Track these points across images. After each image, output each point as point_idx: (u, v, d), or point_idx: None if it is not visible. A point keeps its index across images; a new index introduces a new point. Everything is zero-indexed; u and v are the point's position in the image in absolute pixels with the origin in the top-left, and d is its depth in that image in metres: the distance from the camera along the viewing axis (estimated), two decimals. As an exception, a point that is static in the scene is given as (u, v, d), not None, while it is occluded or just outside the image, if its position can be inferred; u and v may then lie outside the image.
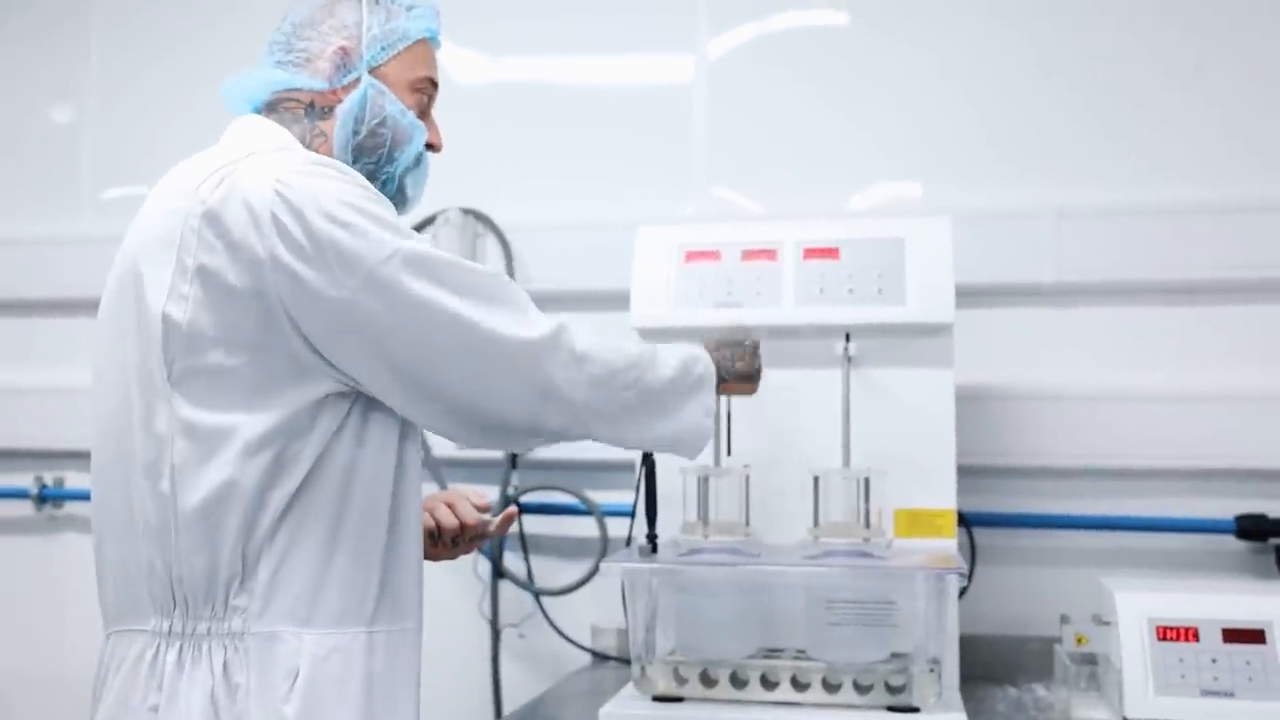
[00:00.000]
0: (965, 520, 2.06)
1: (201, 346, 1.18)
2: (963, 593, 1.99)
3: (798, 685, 1.67)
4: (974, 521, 2.10)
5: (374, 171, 1.38)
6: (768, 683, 1.68)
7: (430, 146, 1.45)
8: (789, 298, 1.84)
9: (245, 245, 1.17)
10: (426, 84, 1.44)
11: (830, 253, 1.85)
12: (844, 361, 1.78)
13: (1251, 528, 2.04)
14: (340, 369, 1.21)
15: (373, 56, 1.38)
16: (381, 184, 1.38)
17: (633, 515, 1.73)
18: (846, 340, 1.79)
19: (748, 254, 1.87)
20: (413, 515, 1.32)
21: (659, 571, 1.70)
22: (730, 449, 1.80)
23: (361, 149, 1.38)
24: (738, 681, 1.69)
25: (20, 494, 2.59)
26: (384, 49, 1.39)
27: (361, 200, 1.22)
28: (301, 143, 1.35)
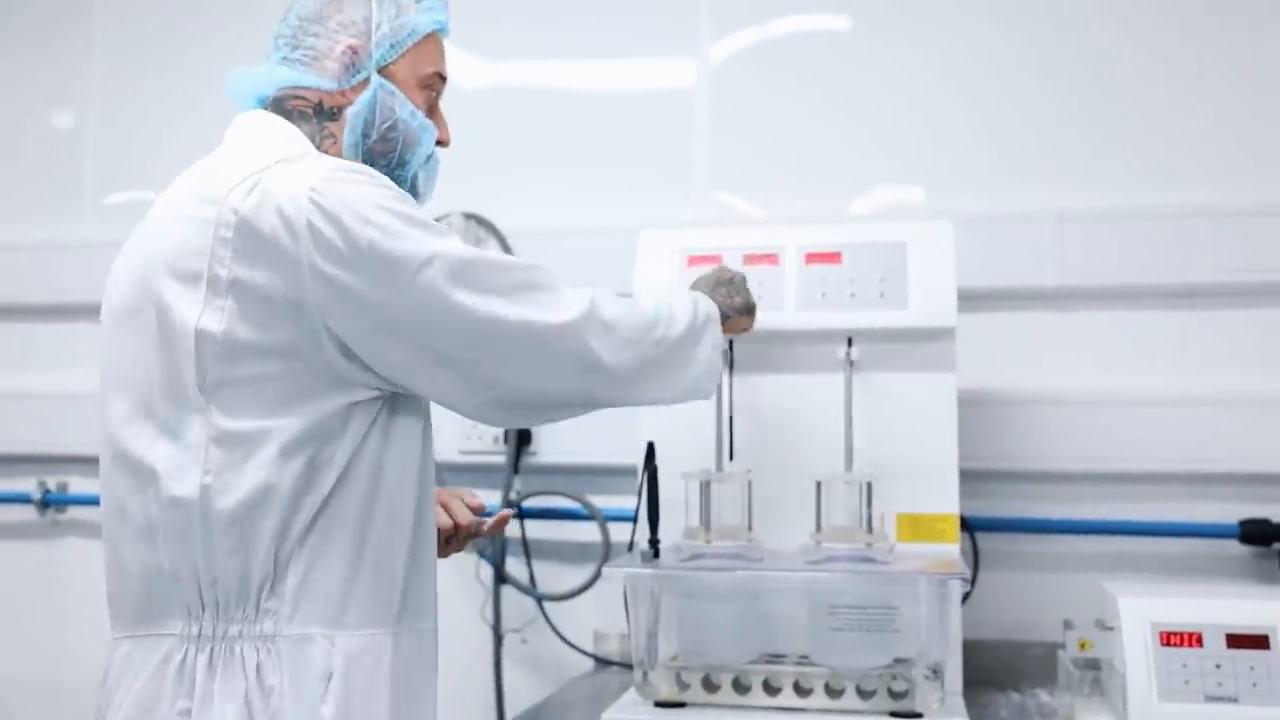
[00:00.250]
0: (968, 525, 2.05)
1: (236, 357, 1.17)
2: (966, 598, 1.98)
3: (800, 691, 1.67)
4: (977, 526, 2.09)
5: (386, 175, 1.34)
6: (770, 688, 1.68)
7: (439, 143, 1.43)
8: (791, 302, 1.84)
9: (281, 254, 1.16)
10: (436, 79, 1.41)
11: (832, 257, 1.85)
12: (846, 366, 1.78)
13: (1255, 532, 2.04)
14: (381, 371, 1.21)
15: (382, 56, 1.35)
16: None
17: (635, 520, 1.73)
18: (848, 344, 1.79)
19: (749, 258, 1.86)
20: (430, 515, 1.33)
21: (661, 577, 1.70)
22: (732, 453, 1.81)
23: (372, 153, 1.36)
24: (740, 687, 1.69)
25: (23, 499, 2.60)
26: (393, 47, 1.36)
27: (395, 203, 1.21)
28: (311, 142, 1.33)
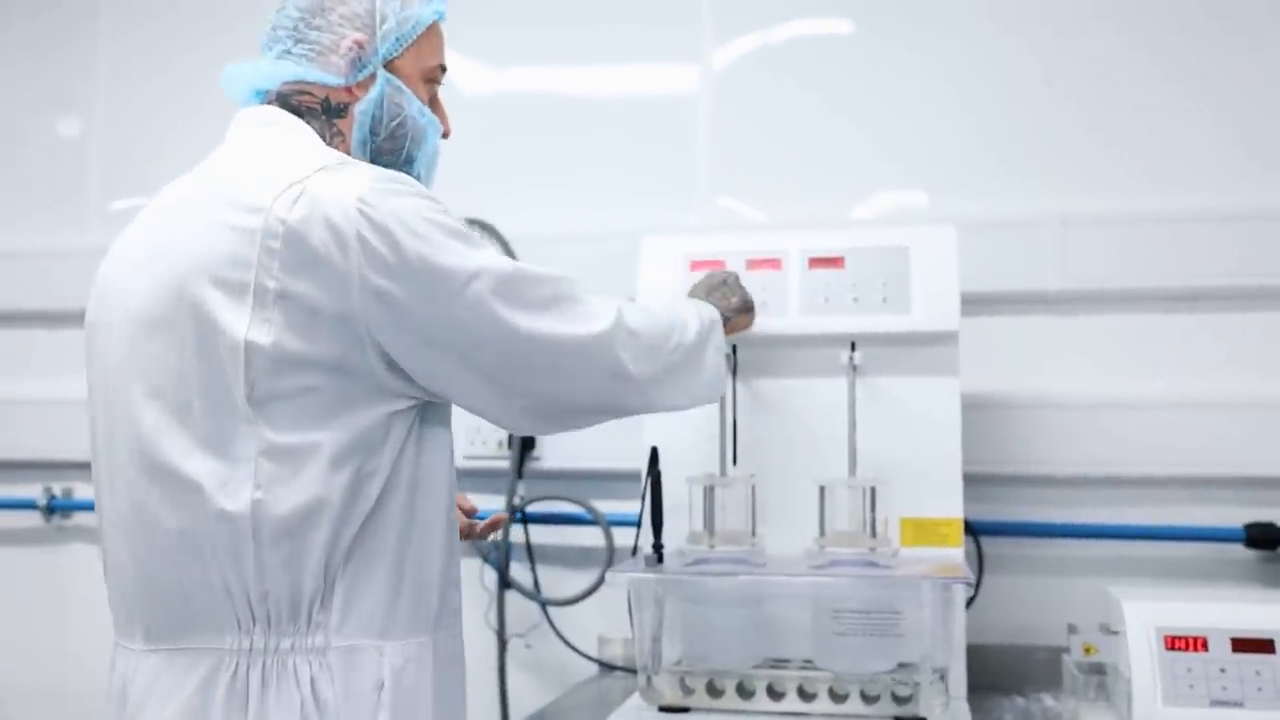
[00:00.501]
0: (972, 529, 2.05)
1: (283, 369, 1.16)
2: (970, 602, 1.98)
3: (804, 695, 1.67)
4: (981, 530, 2.09)
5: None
6: (774, 693, 1.68)
7: (442, 135, 1.42)
8: (794, 307, 1.84)
9: (330, 266, 1.15)
10: (438, 71, 1.40)
11: (835, 262, 1.85)
12: (849, 370, 1.78)
13: (1260, 536, 2.03)
14: (421, 381, 1.22)
15: (388, 50, 1.33)
16: None
17: (638, 525, 1.73)
18: (852, 349, 1.79)
19: (752, 263, 1.87)
20: (455, 520, 1.34)
21: (665, 581, 1.70)
22: (736, 458, 1.81)
23: (380, 151, 1.35)
24: (744, 692, 1.68)
25: (28, 505, 2.60)
26: (399, 40, 1.34)
27: (438, 215, 1.22)
28: (323, 137, 1.31)
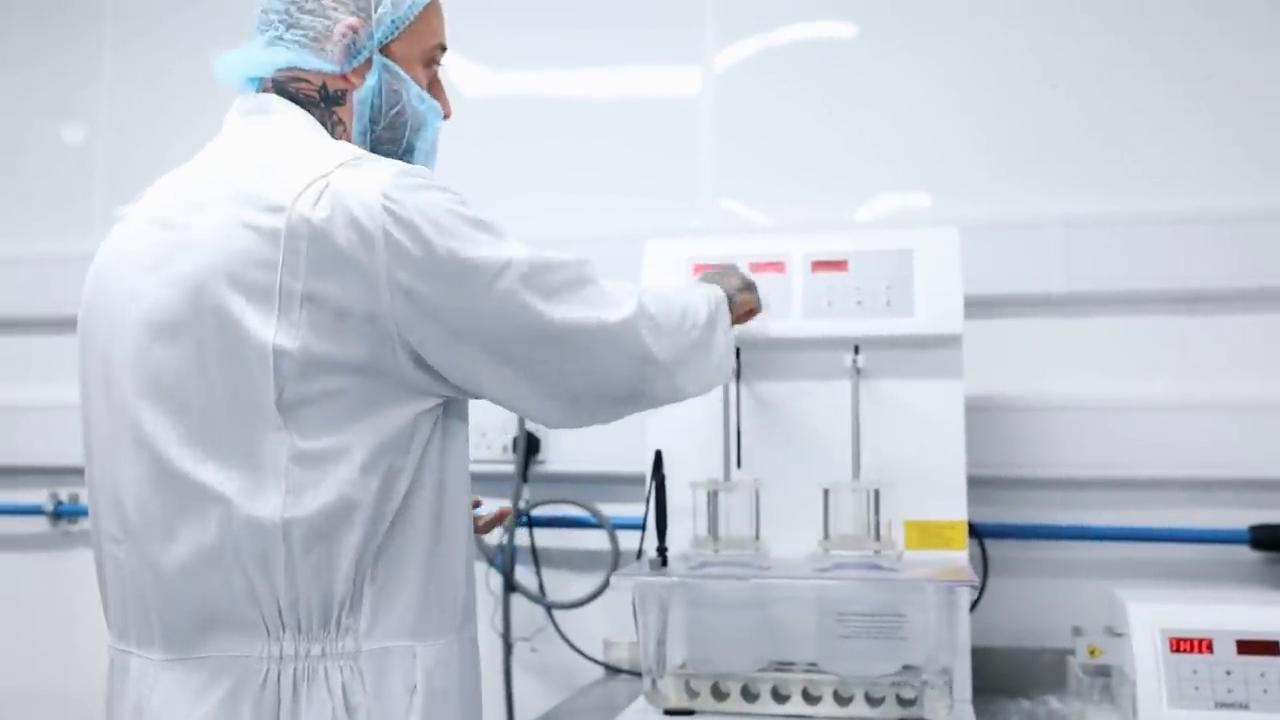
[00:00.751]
0: (977, 531, 2.05)
1: (312, 373, 1.13)
2: (975, 604, 1.98)
3: (809, 698, 1.67)
4: (986, 533, 2.09)
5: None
6: (779, 696, 1.68)
7: (443, 117, 1.38)
8: (797, 310, 1.84)
9: (357, 266, 1.13)
10: (437, 51, 1.35)
11: (838, 265, 1.86)
12: (853, 373, 1.79)
13: (1265, 538, 2.03)
14: (451, 377, 1.20)
15: (384, 34, 1.29)
16: None
17: (643, 528, 1.73)
18: (855, 352, 1.79)
19: (756, 266, 1.87)
20: (471, 516, 1.33)
21: (669, 585, 1.70)
22: (740, 461, 1.81)
23: (380, 140, 1.32)
24: (749, 695, 1.69)
25: (35, 510, 2.61)
26: (394, 23, 1.29)
27: (463, 209, 1.20)
28: (324, 126, 1.28)
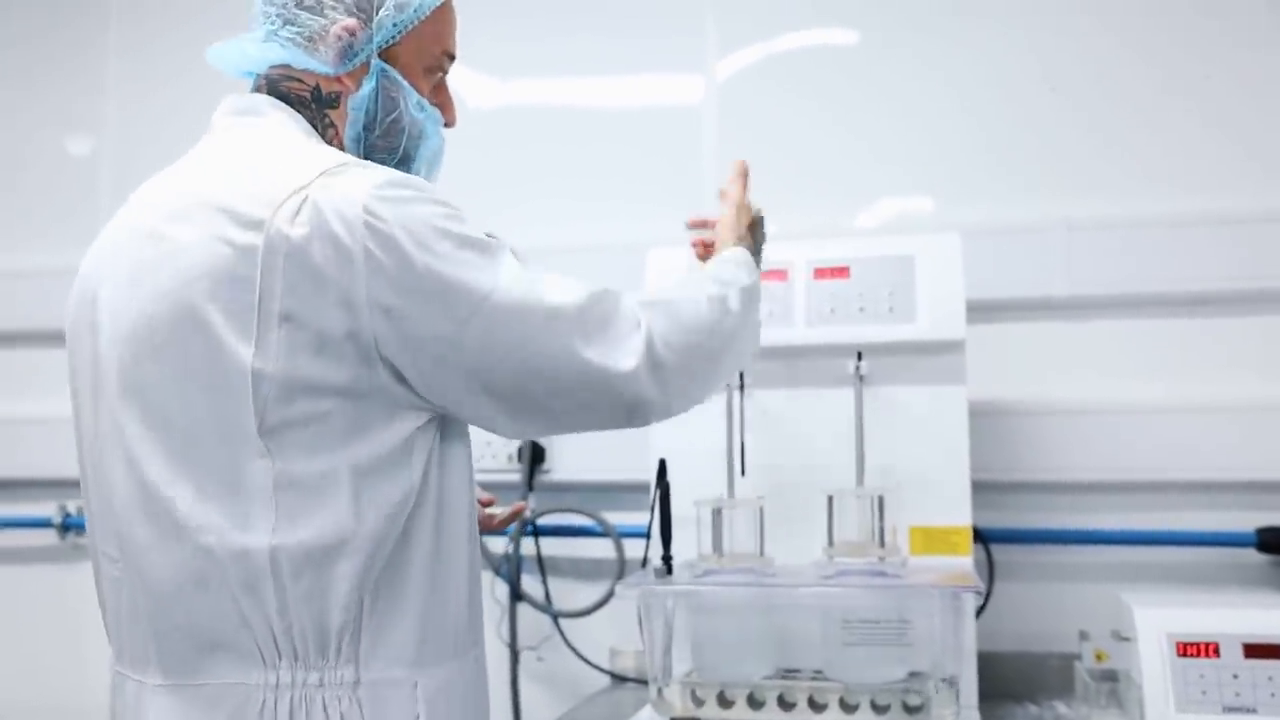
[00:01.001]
0: (983, 536, 2.05)
1: (295, 397, 1.08)
2: (980, 610, 1.98)
3: (815, 706, 1.67)
4: (991, 538, 2.09)
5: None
6: (785, 703, 1.68)
7: (445, 124, 1.32)
8: (800, 317, 1.85)
9: (336, 285, 1.07)
10: (444, 59, 1.29)
11: (840, 272, 1.86)
12: (856, 380, 1.79)
13: (1272, 540, 2.02)
14: (429, 397, 1.14)
15: (384, 38, 1.23)
16: None
17: (648, 536, 1.73)
18: (858, 359, 1.79)
19: (758, 274, 1.87)
20: (476, 536, 1.27)
21: (674, 593, 1.70)
22: (744, 469, 1.81)
23: (374, 148, 1.26)
24: (754, 702, 1.69)
25: (43, 523, 2.62)
26: (396, 27, 1.23)
27: (449, 224, 1.13)
28: (314, 129, 1.23)
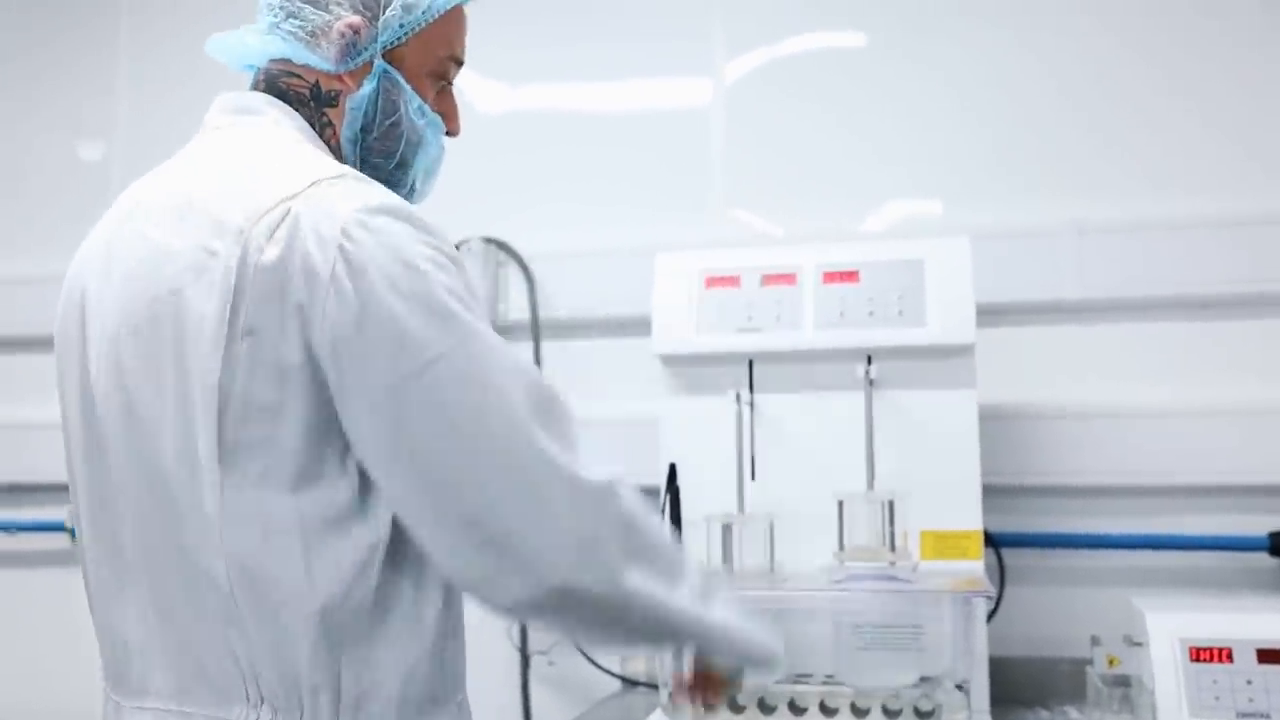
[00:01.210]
0: (993, 541, 2.04)
1: (249, 415, 0.99)
2: (992, 614, 1.97)
3: (826, 710, 1.67)
4: (1002, 542, 2.08)
5: (384, 177, 1.19)
6: (796, 708, 1.68)
7: (447, 133, 1.26)
8: (809, 321, 1.85)
9: (300, 309, 0.98)
10: (450, 64, 1.23)
11: (850, 275, 1.86)
12: (865, 384, 1.78)
13: (1285, 544, 2.02)
14: (360, 456, 1.01)
15: (388, 39, 1.17)
16: (392, 186, 1.17)
17: (657, 541, 1.73)
18: (868, 363, 1.79)
19: (767, 278, 1.87)
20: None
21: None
22: (754, 473, 1.81)
23: (371, 151, 1.20)
24: (766, 707, 1.69)
25: (56, 527, 2.63)
26: (403, 28, 1.17)
27: (431, 268, 1.01)
28: (311, 127, 1.17)
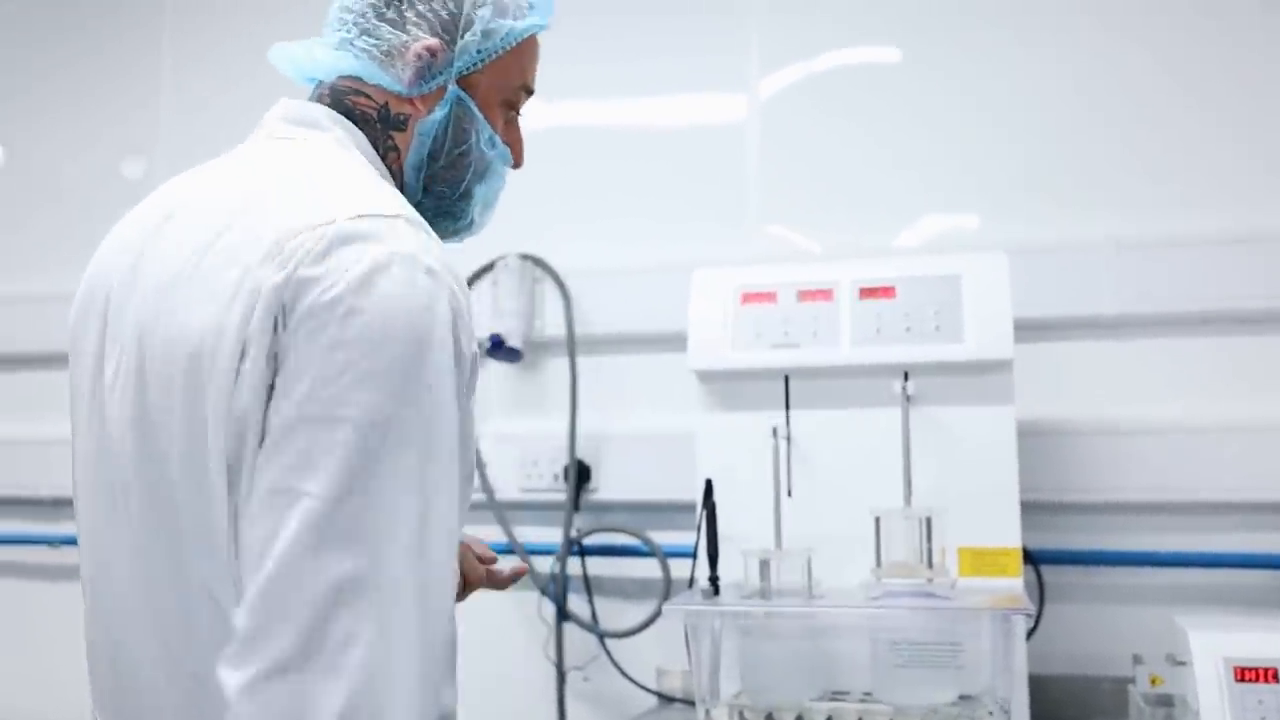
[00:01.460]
0: (1032, 558, 2.02)
1: (244, 434, 0.91)
2: (1031, 632, 1.95)
3: (864, 728, 1.66)
4: (1041, 559, 2.06)
5: (446, 207, 1.17)
6: (833, 726, 1.67)
7: (514, 164, 1.23)
8: (846, 338, 1.84)
9: (296, 338, 0.90)
10: (521, 94, 1.20)
11: (886, 291, 1.85)
12: (903, 400, 1.78)
13: (1332, 562, 1.99)
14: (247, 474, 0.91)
15: (465, 64, 1.13)
16: (452, 217, 1.17)
17: (694, 556, 1.74)
18: (905, 379, 1.78)
19: (804, 294, 1.87)
20: (453, 616, 1.02)
21: (721, 614, 1.70)
22: (791, 490, 1.81)
23: (436, 179, 1.16)
24: (803, 725, 1.68)
25: (69, 541, 2.66)
26: (480, 54, 1.13)
27: (438, 351, 0.93)
28: (374, 149, 1.12)
